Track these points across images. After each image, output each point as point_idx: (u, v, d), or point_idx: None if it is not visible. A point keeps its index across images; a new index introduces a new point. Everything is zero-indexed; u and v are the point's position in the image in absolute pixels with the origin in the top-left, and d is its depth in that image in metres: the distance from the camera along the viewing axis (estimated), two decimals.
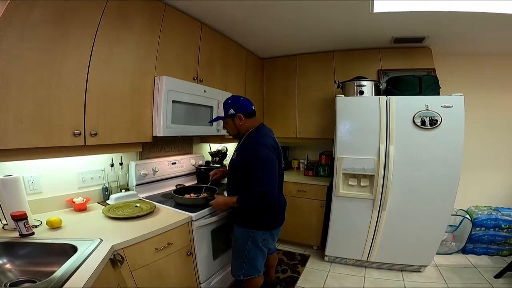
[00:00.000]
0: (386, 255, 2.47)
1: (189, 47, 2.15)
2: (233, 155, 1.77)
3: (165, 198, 2.02)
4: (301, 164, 3.51)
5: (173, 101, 1.88)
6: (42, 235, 1.29)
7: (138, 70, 1.74)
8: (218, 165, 2.62)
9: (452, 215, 2.61)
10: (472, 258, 2.74)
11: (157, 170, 2.16)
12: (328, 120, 2.96)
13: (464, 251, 2.82)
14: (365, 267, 2.59)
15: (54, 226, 1.38)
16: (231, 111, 1.68)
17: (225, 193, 1.94)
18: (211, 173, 2.08)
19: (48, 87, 1.29)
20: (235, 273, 1.79)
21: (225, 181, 2.15)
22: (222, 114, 1.75)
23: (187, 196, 1.96)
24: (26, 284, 1.06)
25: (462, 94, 2.12)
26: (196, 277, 1.76)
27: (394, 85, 2.43)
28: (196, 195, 1.98)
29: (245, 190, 1.59)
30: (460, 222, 2.78)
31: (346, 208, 2.46)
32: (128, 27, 1.66)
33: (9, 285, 1.04)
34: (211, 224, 1.82)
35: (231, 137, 1.84)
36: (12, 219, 1.23)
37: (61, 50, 1.33)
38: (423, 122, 2.15)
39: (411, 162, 2.23)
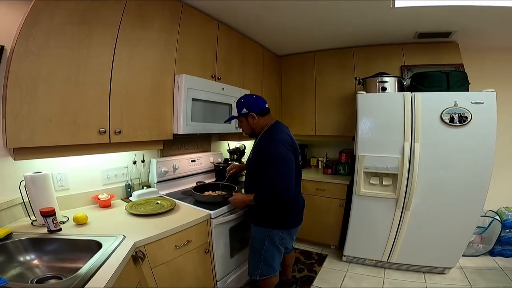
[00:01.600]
0: (408, 256, 2.40)
1: (207, 45, 2.15)
2: (249, 154, 1.76)
3: (184, 195, 2.04)
4: (319, 162, 3.45)
5: (193, 99, 1.89)
6: (69, 231, 1.33)
7: (159, 68, 1.76)
8: (236, 163, 2.62)
9: (481, 216, 2.49)
10: (500, 261, 2.61)
11: (177, 168, 2.19)
12: (348, 117, 2.89)
13: (492, 253, 2.69)
14: (385, 268, 2.52)
15: (80, 222, 1.42)
16: (244, 110, 1.68)
17: (243, 190, 1.93)
18: (228, 168, 2.08)
19: (74, 86, 1.33)
20: (251, 272, 1.78)
21: (243, 178, 2.14)
22: (236, 114, 1.76)
23: (206, 193, 1.97)
24: (52, 280, 1.08)
25: (493, 90, 2.00)
26: (213, 274, 1.78)
27: (419, 81, 2.33)
28: (215, 192, 1.99)
29: (262, 188, 1.58)
30: (489, 224, 2.65)
31: (367, 207, 2.40)
32: (148, 26, 1.67)
33: (36, 281, 1.06)
34: (229, 222, 1.82)
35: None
36: (41, 215, 1.27)
37: (86, 50, 1.36)
38: (451, 119, 2.05)
39: (438, 160, 2.14)
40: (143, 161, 2.04)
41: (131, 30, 1.57)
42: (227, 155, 2.81)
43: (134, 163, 1.98)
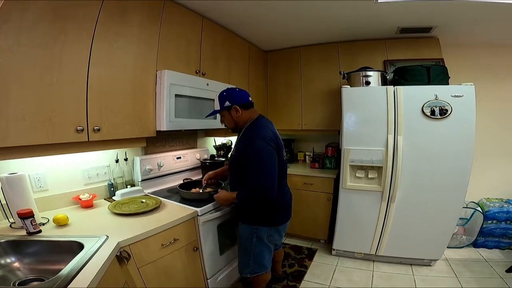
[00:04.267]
0: (395, 248, 2.44)
1: (191, 40, 2.11)
2: (232, 151, 1.72)
3: (170, 193, 2.01)
4: (307, 157, 3.47)
5: (176, 95, 1.86)
6: (49, 233, 1.29)
7: (140, 64, 1.71)
8: (223, 159, 2.61)
9: (463, 207, 2.56)
10: (483, 252, 2.68)
11: (162, 165, 2.15)
12: (333, 111, 2.91)
13: (475, 244, 2.77)
14: (374, 261, 2.56)
15: (61, 224, 1.38)
16: (227, 103, 1.60)
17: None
18: (204, 178, 1.97)
19: (48, 84, 1.28)
20: (241, 270, 1.77)
21: None
22: (218, 107, 1.66)
23: (193, 190, 1.95)
24: (35, 283, 1.06)
25: (472, 83, 2.05)
26: (203, 272, 1.76)
27: (402, 75, 2.37)
28: (202, 189, 1.97)
29: (245, 185, 1.55)
30: (471, 215, 2.71)
31: (353, 200, 2.43)
32: (128, 22, 1.62)
33: (18, 284, 1.04)
34: (217, 218, 1.81)
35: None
36: (19, 217, 1.23)
37: (60, 47, 1.31)
38: (432, 112, 2.09)
39: (420, 153, 2.18)
40: (126, 159, 1.99)
41: (110, 25, 1.52)
42: (214, 151, 2.78)
43: (117, 161, 1.94)
